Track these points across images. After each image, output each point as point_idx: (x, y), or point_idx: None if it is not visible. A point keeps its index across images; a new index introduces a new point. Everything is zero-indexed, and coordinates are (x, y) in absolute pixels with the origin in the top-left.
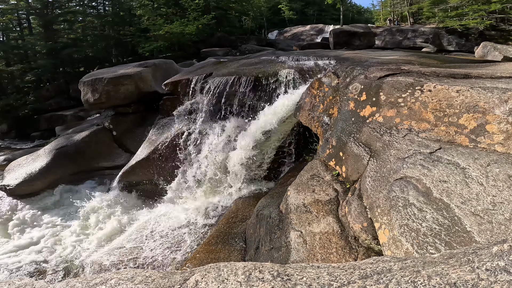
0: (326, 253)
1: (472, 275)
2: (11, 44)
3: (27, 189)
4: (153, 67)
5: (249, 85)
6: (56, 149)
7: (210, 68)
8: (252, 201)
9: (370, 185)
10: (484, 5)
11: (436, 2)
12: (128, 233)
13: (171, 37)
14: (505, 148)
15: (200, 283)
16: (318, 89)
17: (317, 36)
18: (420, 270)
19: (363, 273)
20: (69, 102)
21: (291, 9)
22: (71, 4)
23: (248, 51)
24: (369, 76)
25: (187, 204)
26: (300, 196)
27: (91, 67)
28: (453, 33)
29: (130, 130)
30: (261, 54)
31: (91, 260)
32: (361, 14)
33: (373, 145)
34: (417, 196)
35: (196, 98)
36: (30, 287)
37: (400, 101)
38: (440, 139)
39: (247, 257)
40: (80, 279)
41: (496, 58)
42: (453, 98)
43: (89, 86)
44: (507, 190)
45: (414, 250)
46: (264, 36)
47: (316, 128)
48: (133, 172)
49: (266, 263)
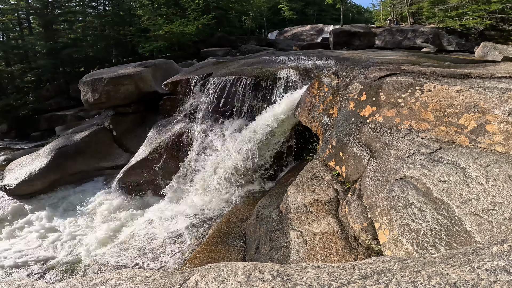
0: (326, 253)
1: (472, 275)
2: (11, 44)
3: (27, 189)
4: (153, 67)
5: (249, 85)
6: (56, 149)
7: (210, 68)
8: (252, 201)
9: (370, 185)
10: (484, 5)
11: (436, 2)
12: (128, 233)
13: (171, 37)
14: (505, 148)
15: (200, 283)
16: (318, 89)
17: (317, 36)
18: (420, 270)
19: (363, 273)
20: (69, 102)
21: (291, 9)
22: (71, 4)
23: (248, 51)
24: (369, 76)
25: (187, 204)
26: (300, 196)
27: (91, 67)
28: (453, 33)
29: (130, 130)
30: (261, 54)
31: (91, 260)
32: (361, 14)
33: (373, 145)
34: (417, 196)
35: (196, 98)
36: (30, 287)
37: (400, 101)
38: (440, 139)
39: (247, 257)
40: (80, 279)
41: (496, 58)
42: (453, 98)
43: (89, 86)
44: (507, 190)
45: (414, 250)
46: (264, 36)
47: (316, 128)
48: (133, 172)
49: (266, 263)
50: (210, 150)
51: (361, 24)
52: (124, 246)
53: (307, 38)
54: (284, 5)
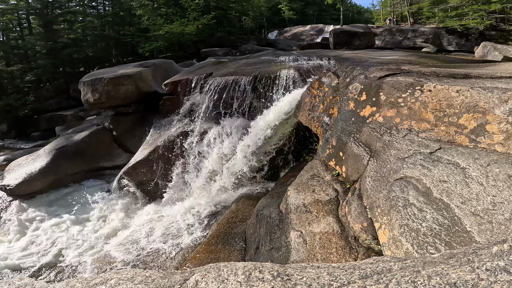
0: (326, 253)
1: (472, 275)
2: (11, 44)
3: (27, 189)
4: (153, 67)
5: (249, 85)
6: (56, 149)
7: (210, 68)
8: (252, 201)
9: (370, 185)
10: (484, 5)
11: (436, 2)
12: (128, 233)
13: (171, 37)
14: (505, 148)
15: (200, 283)
16: (318, 89)
17: (317, 36)
18: (420, 270)
19: (363, 273)
20: (69, 102)
21: (291, 9)
22: (71, 4)
23: (248, 51)
24: (369, 76)
25: (186, 204)
26: (300, 196)
27: (91, 67)
28: (453, 33)
29: (130, 130)
30: (261, 54)
31: (91, 259)
32: (361, 14)
33: (373, 145)
34: (417, 196)
35: (196, 98)
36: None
37: (400, 101)
38: (440, 139)
39: (247, 257)
40: (80, 279)
41: (496, 58)
42: (453, 98)
43: (89, 86)
44: (507, 190)
45: (414, 250)
46: (264, 36)
47: (316, 128)
48: (133, 172)
49: (266, 263)
50: (210, 150)
51: (361, 24)
52: (125, 246)
53: (307, 38)
54: (284, 5)
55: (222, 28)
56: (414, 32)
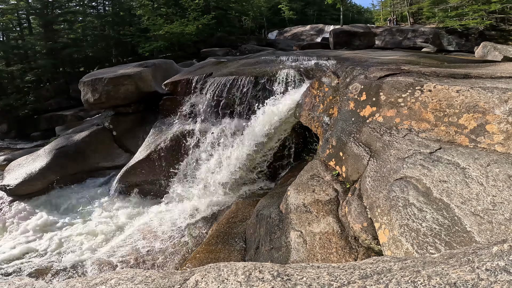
0: (326, 253)
1: (472, 275)
2: (11, 44)
3: (27, 189)
4: (153, 67)
5: (249, 85)
6: (56, 149)
7: (210, 68)
8: (252, 201)
9: (370, 185)
10: (484, 5)
11: (436, 2)
12: (128, 233)
13: (171, 37)
14: (505, 148)
15: (200, 283)
16: (318, 89)
17: (317, 36)
18: (420, 270)
19: (363, 273)
20: (69, 102)
21: (291, 9)
22: (71, 4)
23: (248, 51)
24: (369, 76)
25: (187, 204)
26: (300, 196)
27: (91, 67)
28: (453, 33)
29: (130, 130)
30: (261, 54)
31: (91, 260)
32: (361, 14)
33: (373, 145)
34: (417, 196)
35: (196, 98)
36: (30, 287)
37: (400, 101)
38: (440, 139)
39: (247, 257)
40: (80, 279)
41: (496, 58)
42: (453, 98)
43: (89, 86)
44: (507, 190)
45: (414, 250)
46: (264, 36)
47: (316, 128)
48: (133, 172)
49: (266, 263)
50: (210, 150)
51: (361, 24)
52: (125, 246)
53: (307, 38)
54: (284, 5)
55: (222, 28)
56: (414, 32)
